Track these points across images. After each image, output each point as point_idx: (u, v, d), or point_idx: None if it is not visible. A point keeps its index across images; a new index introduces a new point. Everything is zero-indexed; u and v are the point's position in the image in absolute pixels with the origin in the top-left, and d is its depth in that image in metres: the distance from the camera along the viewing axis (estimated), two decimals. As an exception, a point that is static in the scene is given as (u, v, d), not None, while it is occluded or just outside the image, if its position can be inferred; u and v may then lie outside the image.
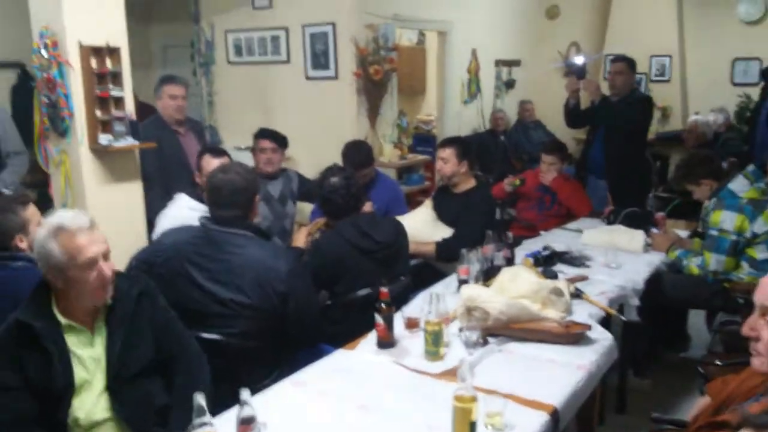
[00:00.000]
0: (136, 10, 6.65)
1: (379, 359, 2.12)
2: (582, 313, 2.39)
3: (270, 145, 3.68)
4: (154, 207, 3.25)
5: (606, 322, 2.49)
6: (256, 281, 2.14)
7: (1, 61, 5.27)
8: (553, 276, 2.70)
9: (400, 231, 2.79)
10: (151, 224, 3.19)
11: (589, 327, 2.22)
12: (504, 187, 4.17)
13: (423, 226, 3.25)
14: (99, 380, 1.79)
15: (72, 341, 1.77)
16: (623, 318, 2.68)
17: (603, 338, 2.21)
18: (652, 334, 3.28)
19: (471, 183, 3.41)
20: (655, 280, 3.04)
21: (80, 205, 3.11)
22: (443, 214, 3.38)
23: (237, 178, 2.25)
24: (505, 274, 2.54)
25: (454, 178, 3.40)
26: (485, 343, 2.17)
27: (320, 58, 5.13)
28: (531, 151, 6.51)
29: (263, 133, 3.74)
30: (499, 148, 6.72)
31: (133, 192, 3.28)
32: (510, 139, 6.90)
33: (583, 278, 2.80)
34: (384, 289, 2.18)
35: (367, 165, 3.55)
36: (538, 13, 7.70)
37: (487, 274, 2.73)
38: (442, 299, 2.24)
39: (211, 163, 3.06)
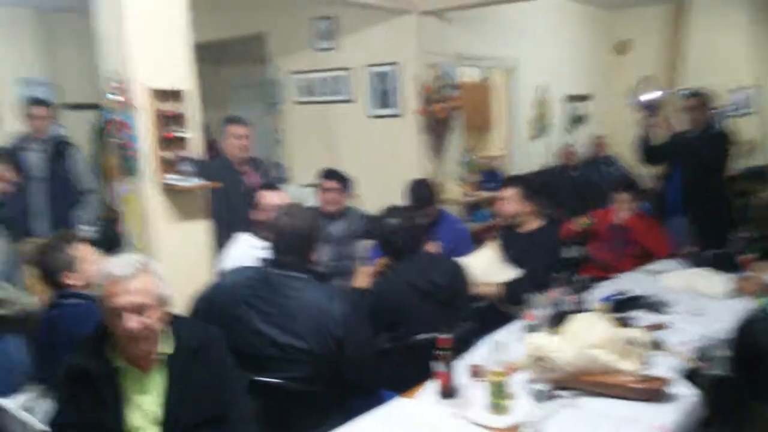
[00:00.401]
0: (211, 52, 6.96)
1: (440, 410, 2.00)
2: (662, 366, 2.20)
3: (334, 185, 3.67)
4: (220, 247, 3.28)
5: (690, 375, 2.27)
6: (313, 325, 2.09)
7: (83, 102, 5.55)
8: (629, 323, 2.51)
9: (461, 272, 2.68)
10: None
11: (669, 381, 2.03)
12: (573, 227, 3.99)
13: (488, 267, 3.13)
14: (153, 430, 1.75)
15: (128, 386, 1.75)
16: (709, 372, 2.45)
17: (686, 394, 2.02)
18: (745, 387, 2.99)
19: (537, 222, 3.28)
20: (745, 327, 2.78)
21: (147, 243, 3.16)
22: (509, 253, 3.24)
23: (302, 224, 2.23)
24: (577, 321, 2.38)
25: (518, 218, 3.30)
26: (555, 396, 2.02)
27: (383, 97, 5.14)
28: (603, 186, 6.26)
29: (328, 174, 3.74)
30: (569, 184, 6.50)
31: (201, 231, 3.31)
32: (582, 174, 6.66)
33: (663, 326, 2.59)
34: (444, 336, 2.08)
35: (430, 204, 3.47)
36: (609, 47, 7.52)
37: (557, 320, 2.57)
38: (506, 347, 2.11)
39: (268, 197, 3.08)
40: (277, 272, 2.17)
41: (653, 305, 2.80)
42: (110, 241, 3.33)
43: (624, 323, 2.48)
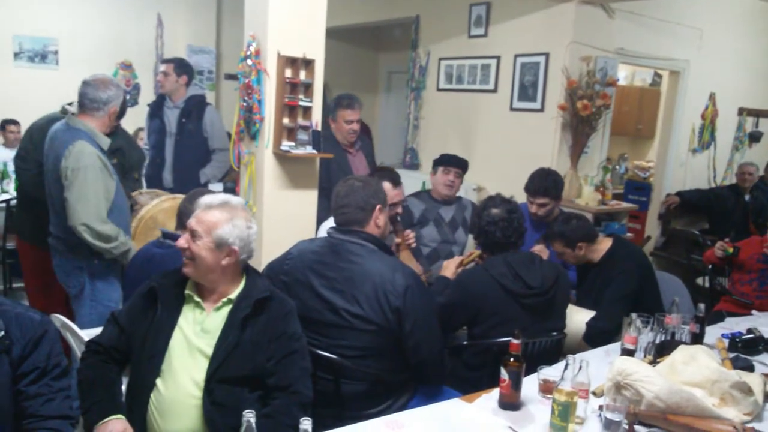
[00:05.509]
0: (368, 38, 7.08)
1: (494, 420, 1.83)
2: (775, 422, 1.85)
3: (455, 169, 3.60)
4: (319, 218, 3.32)
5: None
6: (371, 292, 2.03)
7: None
8: (748, 367, 2.14)
9: (560, 278, 2.44)
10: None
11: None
12: (715, 252, 3.52)
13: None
14: (198, 370, 1.78)
15: (189, 318, 1.83)
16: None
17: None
18: None
19: (604, 247, 2.90)
20: None
21: (258, 204, 3.26)
22: (584, 284, 2.95)
23: (356, 183, 2.23)
24: (680, 353, 2.08)
25: (580, 260, 2.97)
26: (630, 431, 1.76)
27: (528, 89, 4.90)
28: (771, 215, 5.48)
29: (449, 160, 3.65)
30: (739, 208, 5.74)
31: (308, 199, 3.35)
32: (755, 198, 5.86)
33: (793, 378, 2.18)
34: (515, 341, 1.90)
35: (547, 194, 3.25)
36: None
37: (662, 349, 2.26)
38: (587, 366, 1.88)
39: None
40: (340, 237, 2.15)
41: (787, 352, 2.38)
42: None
43: (740, 365, 2.12)
